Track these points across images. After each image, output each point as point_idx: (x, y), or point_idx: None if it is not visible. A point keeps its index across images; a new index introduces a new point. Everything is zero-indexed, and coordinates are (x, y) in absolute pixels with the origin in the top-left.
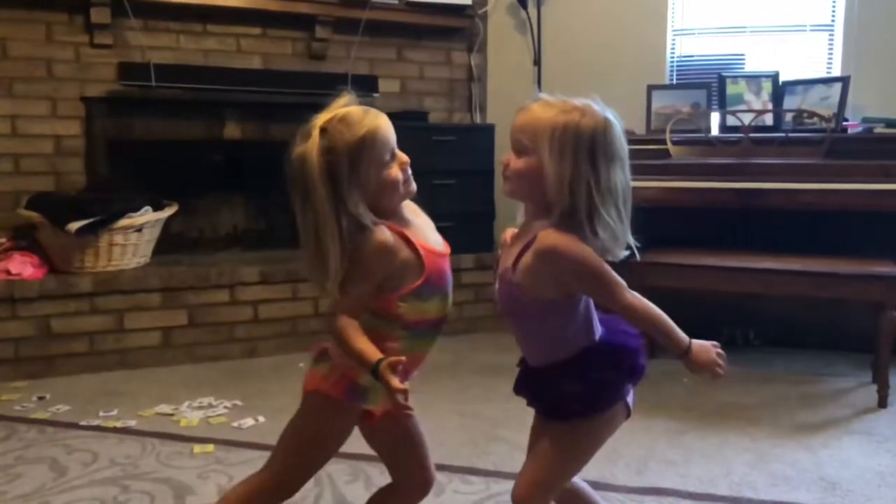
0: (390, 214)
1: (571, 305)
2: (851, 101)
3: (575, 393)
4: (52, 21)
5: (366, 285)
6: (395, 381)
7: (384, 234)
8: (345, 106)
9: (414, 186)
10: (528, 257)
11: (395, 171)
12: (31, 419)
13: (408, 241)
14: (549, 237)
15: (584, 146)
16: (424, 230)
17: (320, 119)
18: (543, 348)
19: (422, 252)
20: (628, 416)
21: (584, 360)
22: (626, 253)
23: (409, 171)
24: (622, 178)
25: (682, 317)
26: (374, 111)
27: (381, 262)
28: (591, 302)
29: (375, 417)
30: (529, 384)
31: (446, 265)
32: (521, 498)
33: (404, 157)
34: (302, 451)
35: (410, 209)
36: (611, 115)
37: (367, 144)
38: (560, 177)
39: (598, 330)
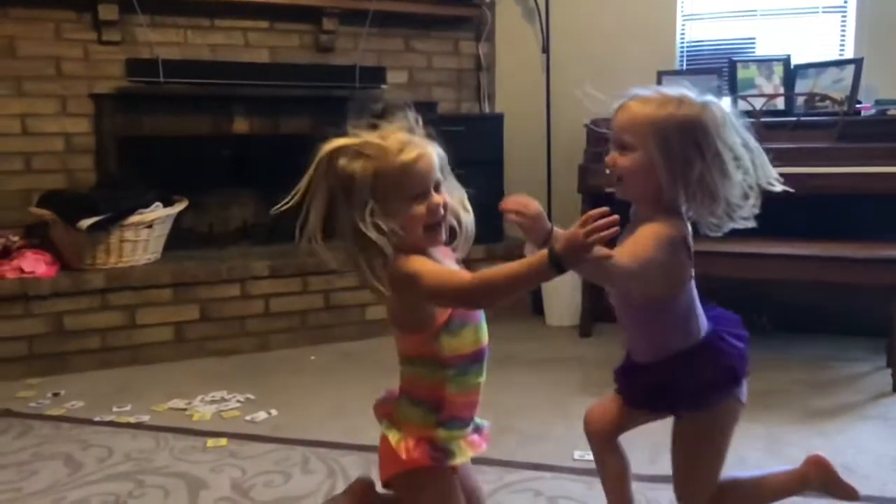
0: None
1: (670, 305)
2: (864, 83)
3: (677, 390)
4: (60, 19)
5: (425, 262)
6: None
7: (407, 259)
8: (393, 131)
9: (441, 236)
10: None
11: (419, 210)
12: (45, 416)
13: None
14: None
15: (689, 136)
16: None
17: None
18: (644, 344)
19: None
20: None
21: (682, 360)
22: (742, 224)
23: (439, 218)
24: (732, 155)
25: None
26: (417, 142)
27: (417, 259)
28: (695, 304)
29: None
30: (632, 380)
31: None
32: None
33: (435, 201)
34: None
35: (442, 254)
36: (709, 99)
37: (391, 176)
38: (672, 169)
39: (704, 329)
